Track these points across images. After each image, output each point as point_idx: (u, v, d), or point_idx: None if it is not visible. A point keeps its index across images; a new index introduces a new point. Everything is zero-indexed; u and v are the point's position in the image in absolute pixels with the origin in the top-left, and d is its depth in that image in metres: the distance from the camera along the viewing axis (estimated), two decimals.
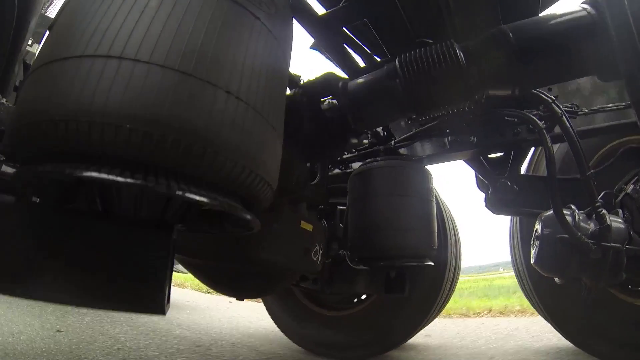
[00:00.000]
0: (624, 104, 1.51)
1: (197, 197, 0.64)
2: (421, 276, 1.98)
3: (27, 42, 1.10)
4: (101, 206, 0.81)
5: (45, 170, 0.60)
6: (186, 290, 7.34)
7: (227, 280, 1.58)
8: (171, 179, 0.63)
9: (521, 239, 1.94)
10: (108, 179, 0.58)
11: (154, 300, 0.78)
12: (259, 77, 0.75)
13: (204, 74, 0.64)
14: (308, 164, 1.42)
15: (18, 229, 0.75)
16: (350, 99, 1.24)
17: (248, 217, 0.77)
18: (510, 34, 1.05)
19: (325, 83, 1.25)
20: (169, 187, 0.61)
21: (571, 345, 1.86)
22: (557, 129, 1.38)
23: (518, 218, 1.99)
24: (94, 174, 0.58)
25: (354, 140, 1.38)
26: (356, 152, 2.04)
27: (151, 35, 0.62)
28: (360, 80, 1.28)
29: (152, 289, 0.78)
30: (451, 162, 1.89)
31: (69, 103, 0.57)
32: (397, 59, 1.17)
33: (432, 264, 1.52)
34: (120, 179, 0.58)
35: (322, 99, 1.34)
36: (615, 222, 1.20)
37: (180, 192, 0.62)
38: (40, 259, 0.73)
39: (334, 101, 1.26)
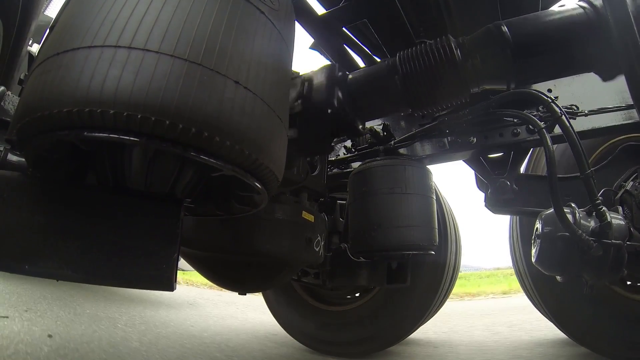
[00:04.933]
0: (624, 104, 1.52)
1: (211, 159, 0.65)
2: (422, 271, 1.98)
3: (31, 35, 1.10)
4: (112, 181, 0.81)
5: (63, 133, 0.60)
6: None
7: (229, 274, 1.57)
8: (185, 146, 0.64)
9: (521, 238, 1.94)
10: (126, 138, 0.59)
11: (163, 275, 0.78)
12: (265, 68, 0.75)
13: (212, 63, 0.65)
14: (308, 156, 1.43)
15: (25, 205, 0.74)
16: (350, 90, 1.25)
17: (257, 184, 0.77)
18: (506, 30, 1.06)
19: (326, 73, 1.26)
20: (185, 149, 0.63)
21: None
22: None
23: (518, 217, 1.99)
24: (111, 135, 0.59)
25: (353, 132, 1.39)
26: (356, 152, 2.04)
27: (160, 26, 0.62)
28: (361, 73, 1.29)
29: (161, 263, 0.78)
30: (451, 162, 1.90)
31: (79, 93, 0.57)
32: (397, 54, 1.18)
33: (433, 252, 1.52)
34: (136, 138, 0.59)
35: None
36: (616, 219, 1.20)
37: (194, 154, 0.64)
38: (47, 235, 0.72)
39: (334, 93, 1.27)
